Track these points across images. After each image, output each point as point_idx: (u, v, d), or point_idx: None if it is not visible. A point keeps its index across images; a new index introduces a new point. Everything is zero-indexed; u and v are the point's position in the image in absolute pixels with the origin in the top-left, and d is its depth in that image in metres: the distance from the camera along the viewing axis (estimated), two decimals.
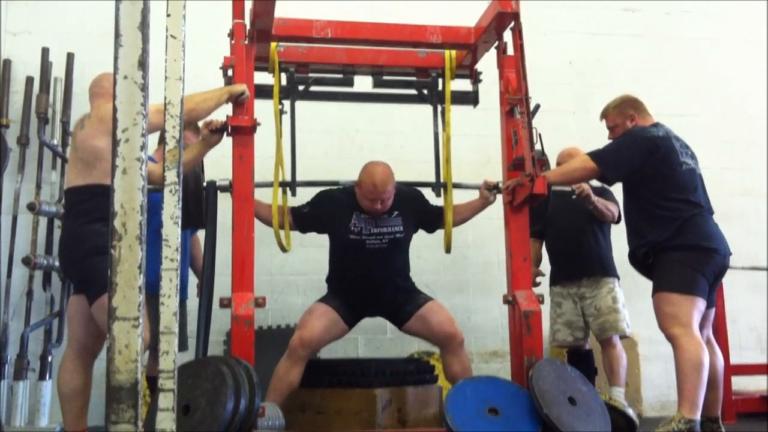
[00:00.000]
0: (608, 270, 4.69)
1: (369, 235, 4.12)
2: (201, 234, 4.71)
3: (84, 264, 3.48)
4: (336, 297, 4.16)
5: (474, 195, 4.45)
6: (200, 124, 4.03)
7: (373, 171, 4.06)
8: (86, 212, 3.53)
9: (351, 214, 4.14)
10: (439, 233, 4.42)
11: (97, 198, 3.40)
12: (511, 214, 4.15)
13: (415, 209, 4.32)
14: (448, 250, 4.38)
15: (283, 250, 4.22)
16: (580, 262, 4.72)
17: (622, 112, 4.22)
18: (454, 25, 4.41)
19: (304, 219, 4.27)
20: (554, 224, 4.80)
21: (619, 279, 4.70)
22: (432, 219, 4.40)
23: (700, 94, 6.66)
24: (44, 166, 5.46)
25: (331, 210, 4.21)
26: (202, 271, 4.10)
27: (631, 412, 4.32)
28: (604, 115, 4.32)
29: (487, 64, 4.51)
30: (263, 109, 4.14)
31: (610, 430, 3.67)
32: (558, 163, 4.71)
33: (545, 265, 4.97)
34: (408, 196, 4.34)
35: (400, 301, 4.19)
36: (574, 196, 4.51)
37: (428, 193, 4.48)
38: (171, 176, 1.97)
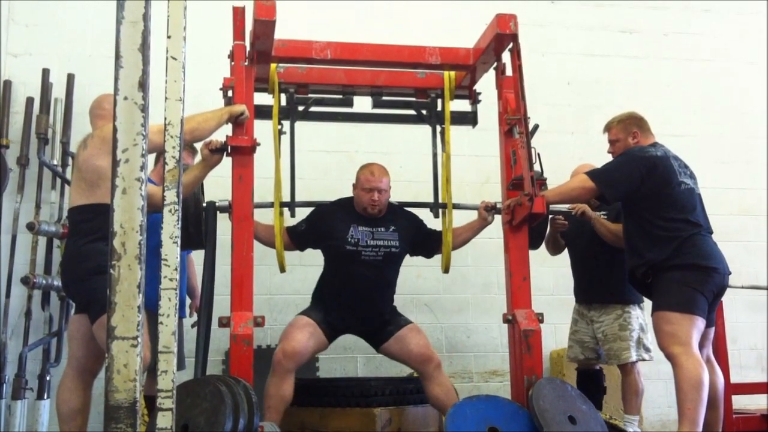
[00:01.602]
0: (619, 296, 4.54)
1: (365, 247, 4.14)
2: (196, 253, 4.72)
3: (86, 283, 3.48)
4: (318, 310, 4.16)
5: (472, 215, 4.46)
6: (199, 145, 4.05)
7: (370, 164, 4.29)
8: (89, 231, 3.53)
9: (349, 226, 4.18)
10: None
11: (100, 217, 3.39)
12: (510, 233, 4.15)
13: (412, 230, 4.35)
14: (446, 270, 4.40)
15: (283, 270, 4.24)
16: (590, 287, 4.68)
17: (626, 128, 4.23)
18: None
19: (301, 237, 4.30)
20: (574, 246, 4.81)
21: (635, 304, 4.54)
22: (429, 242, 4.42)
23: (699, 114, 6.68)
24: (44, 186, 5.46)
25: (329, 222, 4.25)
26: (201, 290, 4.10)
27: (631, 430, 4.30)
28: (608, 128, 4.33)
29: (486, 84, 4.54)
30: (263, 130, 4.16)
31: None
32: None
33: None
34: (406, 215, 4.41)
35: (384, 320, 4.19)
36: (573, 214, 4.52)
37: (427, 214, 4.49)
38: (171, 196, 1.98)
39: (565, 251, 4.94)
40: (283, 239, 4.22)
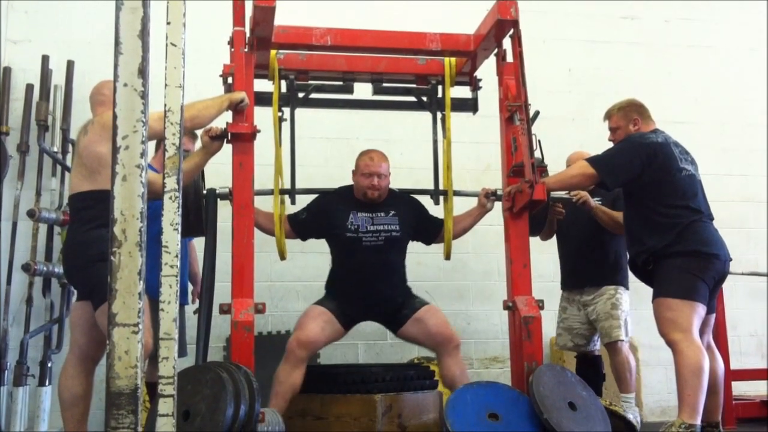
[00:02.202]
0: (611, 278, 4.61)
1: (366, 233, 4.16)
2: (196, 240, 4.72)
3: (88, 270, 3.48)
4: (332, 300, 4.19)
5: (473, 202, 4.46)
6: (199, 132, 4.04)
7: (369, 150, 4.34)
8: (90, 218, 3.54)
9: (348, 213, 4.19)
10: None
11: (101, 204, 3.38)
12: (510, 220, 4.15)
13: (413, 213, 4.36)
14: (447, 256, 4.40)
15: (283, 257, 4.24)
16: (583, 270, 4.70)
17: (627, 116, 4.23)
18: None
19: (302, 225, 4.30)
20: (567, 234, 4.81)
21: (625, 287, 4.62)
22: (430, 228, 4.42)
23: (700, 101, 6.67)
24: (44, 173, 5.46)
25: (329, 211, 4.26)
26: (202, 277, 4.10)
27: (631, 417, 4.31)
28: (608, 116, 4.32)
29: (487, 71, 4.53)
30: (264, 116, 4.15)
31: None
32: (569, 165, 4.72)
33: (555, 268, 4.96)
34: (406, 199, 4.42)
35: (397, 304, 4.21)
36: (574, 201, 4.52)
37: (428, 201, 4.49)
38: (171, 183, 1.97)
39: (553, 238, 4.95)
40: (283, 227, 4.22)
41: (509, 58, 4.25)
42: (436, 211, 4.49)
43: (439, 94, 4.56)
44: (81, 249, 3.57)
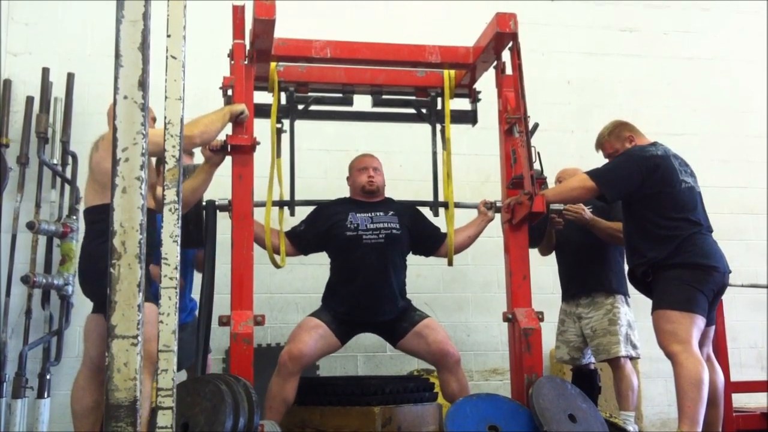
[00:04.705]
0: (609, 289, 4.56)
1: (366, 231, 4.15)
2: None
3: (99, 282, 3.50)
4: (327, 311, 4.15)
5: (472, 214, 4.46)
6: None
7: (362, 153, 4.47)
8: (102, 232, 3.55)
9: (347, 214, 4.21)
10: None
11: None
12: (510, 232, 4.15)
13: (412, 218, 4.36)
14: (450, 263, 4.37)
15: (276, 266, 4.21)
16: (577, 280, 4.69)
17: (620, 136, 4.25)
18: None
19: (301, 237, 4.29)
20: (562, 242, 4.81)
21: (622, 295, 4.56)
22: (430, 237, 4.40)
23: (699, 113, 6.68)
24: (44, 185, 5.46)
25: (327, 215, 4.27)
26: (201, 289, 4.09)
27: (631, 429, 4.30)
28: (600, 144, 4.34)
29: (486, 83, 4.54)
30: (264, 128, 4.16)
31: None
32: (558, 181, 4.72)
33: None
34: (403, 203, 4.44)
35: (396, 313, 4.18)
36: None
37: (427, 213, 4.49)
38: (171, 195, 1.98)
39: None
40: (282, 239, 4.21)
41: (508, 70, 4.26)
42: (435, 223, 4.48)
43: (439, 106, 4.57)
44: (92, 262, 3.62)
